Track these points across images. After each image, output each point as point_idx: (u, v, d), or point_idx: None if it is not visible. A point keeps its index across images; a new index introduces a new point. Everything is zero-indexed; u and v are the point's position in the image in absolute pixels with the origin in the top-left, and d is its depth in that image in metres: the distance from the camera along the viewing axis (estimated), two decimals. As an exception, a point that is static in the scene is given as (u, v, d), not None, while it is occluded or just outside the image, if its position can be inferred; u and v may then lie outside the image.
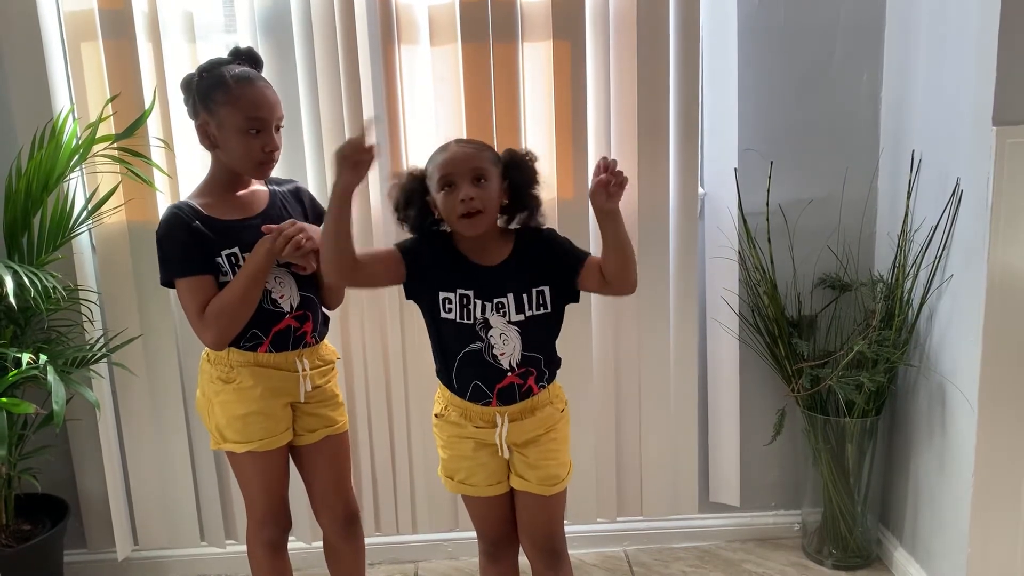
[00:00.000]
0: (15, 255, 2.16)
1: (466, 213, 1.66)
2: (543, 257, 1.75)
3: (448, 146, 1.73)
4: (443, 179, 1.68)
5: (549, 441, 1.80)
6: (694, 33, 2.28)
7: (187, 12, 2.25)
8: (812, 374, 2.35)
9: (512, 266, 1.74)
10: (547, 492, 1.81)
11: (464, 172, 1.67)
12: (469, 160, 1.68)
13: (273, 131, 1.81)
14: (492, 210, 1.70)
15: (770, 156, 2.39)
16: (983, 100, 1.93)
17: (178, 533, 2.51)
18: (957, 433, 2.12)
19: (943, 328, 2.18)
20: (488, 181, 1.68)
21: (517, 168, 1.75)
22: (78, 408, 2.31)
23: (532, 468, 1.79)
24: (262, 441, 1.87)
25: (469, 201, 1.66)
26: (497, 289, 1.72)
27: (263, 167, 1.83)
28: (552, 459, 1.81)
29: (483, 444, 1.79)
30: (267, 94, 1.82)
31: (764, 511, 2.65)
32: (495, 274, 1.73)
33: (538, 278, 1.74)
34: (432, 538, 2.59)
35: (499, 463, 1.82)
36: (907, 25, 2.30)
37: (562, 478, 1.83)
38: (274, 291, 1.83)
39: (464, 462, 1.81)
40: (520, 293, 1.72)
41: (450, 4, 2.24)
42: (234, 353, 1.85)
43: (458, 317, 1.73)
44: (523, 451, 1.79)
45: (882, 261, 2.43)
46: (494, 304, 1.72)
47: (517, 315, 1.72)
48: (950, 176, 2.09)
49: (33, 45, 2.19)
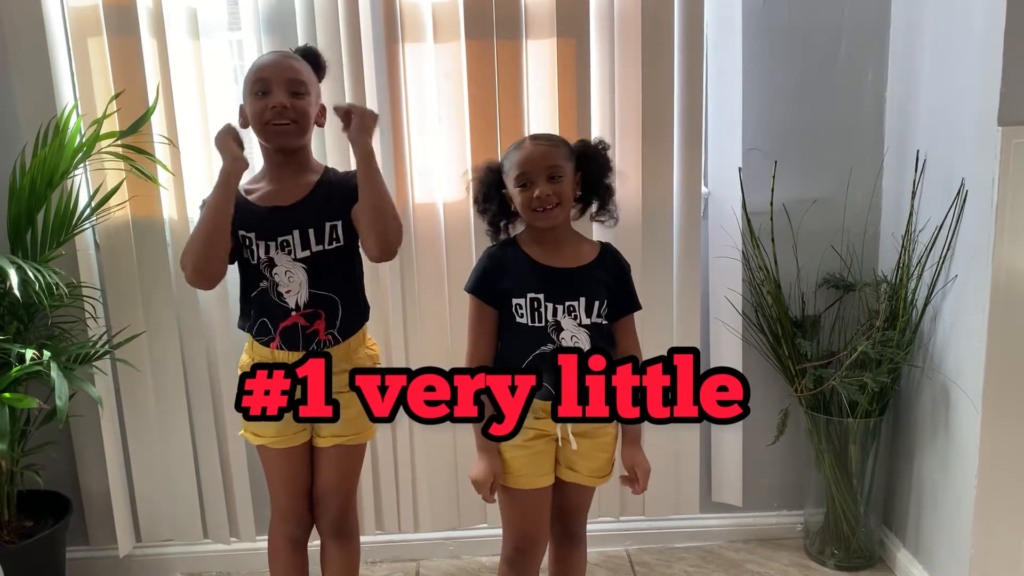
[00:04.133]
0: (19, 251, 2.16)
1: (541, 208, 1.72)
2: (613, 279, 1.81)
3: (523, 143, 1.77)
4: (520, 177, 1.74)
5: (604, 432, 1.83)
6: (698, 32, 2.28)
7: (191, 9, 2.25)
8: (815, 374, 2.34)
9: (589, 274, 1.78)
10: (595, 484, 1.86)
11: (540, 170, 1.72)
12: (544, 158, 1.73)
13: (281, 91, 1.76)
14: (567, 203, 1.76)
15: (774, 156, 2.38)
16: (988, 100, 1.93)
17: (181, 529, 2.51)
18: (960, 434, 2.12)
19: (947, 329, 2.18)
20: (563, 177, 1.74)
21: (591, 159, 1.80)
22: (81, 404, 2.31)
23: (586, 459, 1.82)
24: (274, 438, 1.87)
25: (546, 197, 1.71)
26: (570, 292, 1.75)
27: (270, 128, 1.77)
28: (605, 452, 1.84)
29: (542, 434, 1.80)
30: (278, 58, 1.80)
31: (767, 511, 2.65)
32: (570, 276, 1.77)
33: (604, 293, 1.78)
34: (434, 536, 2.59)
35: (551, 453, 1.83)
36: (912, 25, 2.29)
37: (609, 471, 1.87)
38: (281, 285, 1.81)
39: (519, 451, 1.79)
40: (593, 299, 1.76)
41: (454, 1, 2.24)
42: (256, 347, 1.86)
43: (529, 321, 1.75)
44: (579, 442, 1.80)
45: (886, 261, 2.42)
46: (565, 307, 1.75)
47: (587, 319, 1.76)
48: (955, 176, 2.09)
49: (38, 41, 2.19)
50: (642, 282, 2.37)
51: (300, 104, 1.78)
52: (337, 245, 1.82)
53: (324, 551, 2.00)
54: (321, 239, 1.81)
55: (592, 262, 1.80)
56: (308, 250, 1.80)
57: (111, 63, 2.22)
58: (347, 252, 1.84)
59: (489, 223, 1.85)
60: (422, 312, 2.37)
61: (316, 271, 1.81)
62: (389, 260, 1.81)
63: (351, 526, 2.00)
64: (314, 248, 1.80)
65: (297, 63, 1.81)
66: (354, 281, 1.90)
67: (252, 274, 1.84)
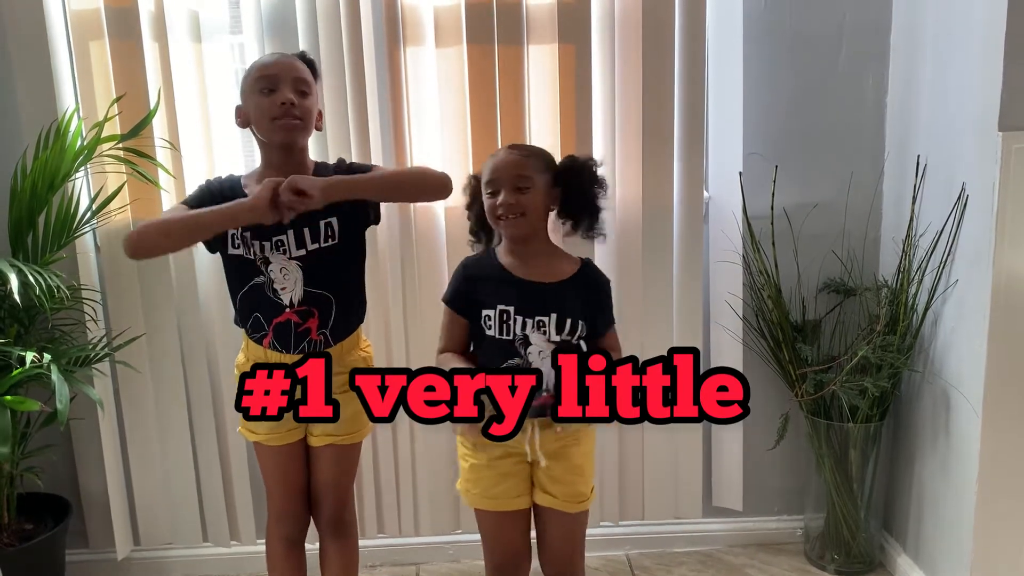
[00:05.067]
0: (20, 254, 2.16)
1: (504, 216, 1.71)
2: (590, 297, 1.78)
3: (498, 152, 1.77)
4: (488, 184, 1.74)
5: (576, 455, 1.79)
6: (700, 37, 2.29)
7: (193, 12, 2.25)
8: (816, 379, 2.34)
9: (564, 291, 1.75)
10: (572, 509, 1.80)
11: (507, 178, 1.71)
12: (513, 167, 1.72)
13: (287, 89, 1.77)
14: (533, 214, 1.73)
15: (775, 160, 2.38)
16: (989, 105, 1.93)
17: (180, 532, 2.51)
18: (961, 439, 2.11)
19: (948, 334, 2.18)
20: (532, 188, 1.71)
21: (573, 175, 1.77)
22: (80, 407, 2.31)
23: (558, 483, 1.78)
24: (268, 436, 1.88)
25: (507, 206, 1.70)
26: (541, 307, 1.73)
27: (278, 124, 1.76)
28: (579, 475, 1.80)
29: (510, 451, 1.77)
30: (284, 59, 1.81)
31: (767, 516, 2.65)
32: (543, 291, 1.74)
33: (579, 313, 1.74)
34: (434, 540, 2.59)
35: (523, 474, 1.80)
36: (913, 30, 2.29)
37: (586, 496, 1.82)
38: (276, 282, 1.80)
39: (485, 472, 1.78)
40: (564, 318, 1.73)
41: (456, 6, 2.24)
42: (251, 346, 1.86)
43: (497, 333, 1.74)
44: (551, 463, 1.77)
45: (887, 266, 2.42)
46: (535, 322, 1.73)
47: (556, 336, 1.73)
48: (955, 181, 2.09)
49: (39, 44, 2.19)
50: (643, 286, 2.40)
51: (305, 103, 1.79)
52: (332, 243, 1.81)
53: (322, 550, 2.01)
54: (316, 237, 1.80)
55: (569, 279, 1.77)
56: (303, 248, 1.80)
57: (113, 66, 2.22)
58: (343, 250, 1.84)
59: (471, 231, 1.85)
60: (422, 316, 2.37)
61: (311, 269, 1.81)
62: (448, 195, 1.86)
63: (348, 524, 2.00)
64: (309, 246, 1.80)
65: (301, 64, 1.82)
66: (350, 280, 1.89)
67: (247, 269, 1.82)
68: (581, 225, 1.79)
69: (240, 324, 1.89)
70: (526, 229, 1.73)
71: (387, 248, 2.34)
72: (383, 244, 2.33)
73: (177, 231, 1.77)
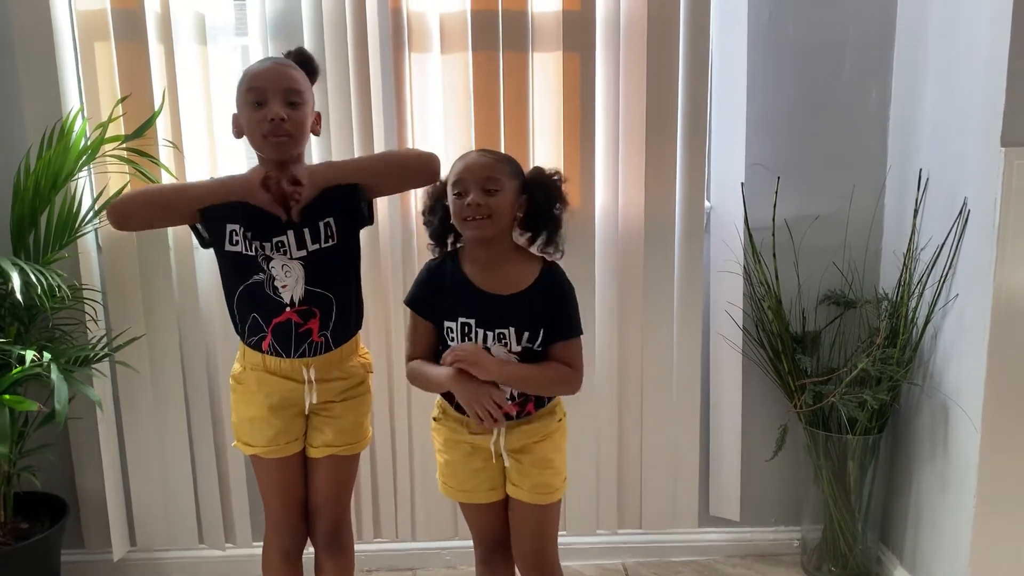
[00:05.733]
0: (21, 253, 2.16)
1: (470, 217, 1.69)
2: (550, 304, 1.76)
3: (468, 154, 1.76)
4: (456, 184, 1.72)
5: (544, 449, 1.81)
6: (703, 47, 2.29)
7: (199, 14, 2.25)
8: (815, 390, 2.34)
9: (522, 302, 1.74)
10: (539, 501, 1.81)
11: (476, 180, 1.69)
12: (483, 169, 1.70)
13: (278, 102, 1.72)
14: (500, 218, 1.71)
15: (777, 171, 2.39)
16: (992, 121, 1.93)
17: (177, 534, 2.50)
18: (960, 453, 2.12)
19: (947, 347, 2.18)
20: (500, 191, 1.70)
21: (540, 187, 1.76)
22: (79, 407, 2.31)
23: (525, 476, 1.80)
24: (265, 448, 1.86)
25: (475, 207, 1.68)
26: (500, 319, 1.73)
27: (268, 140, 1.73)
28: (546, 467, 1.81)
29: (478, 449, 1.80)
30: (274, 67, 1.76)
31: (764, 527, 2.65)
32: (502, 304, 1.74)
33: (540, 321, 1.74)
34: (430, 546, 2.58)
35: (494, 469, 1.82)
36: (916, 44, 2.30)
37: (555, 488, 1.83)
38: (278, 279, 1.78)
39: (459, 467, 1.82)
40: (523, 330, 1.73)
41: (461, 13, 2.25)
42: (248, 354, 1.85)
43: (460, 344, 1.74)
44: (518, 458, 1.79)
45: (887, 279, 2.42)
46: (495, 334, 1.73)
47: (517, 347, 1.74)
48: (957, 195, 2.09)
49: (45, 44, 2.19)
50: (643, 295, 2.40)
51: (296, 115, 1.74)
52: (332, 243, 1.80)
53: (318, 566, 1.99)
54: (317, 238, 1.78)
55: (528, 288, 1.75)
56: (304, 249, 1.78)
57: (118, 67, 2.22)
58: (343, 251, 1.83)
59: (431, 236, 1.82)
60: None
61: (313, 268, 1.79)
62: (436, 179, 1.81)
63: (345, 539, 1.98)
64: (310, 247, 1.78)
65: (292, 70, 1.77)
66: (350, 282, 1.88)
67: (246, 265, 1.79)
68: (539, 238, 1.78)
69: (238, 329, 1.87)
70: (491, 231, 1.71)
71: (388, 253, 2.34)
72: (384, 249, 2.34)
73: (161, 203, 1.78)
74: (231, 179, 1.78)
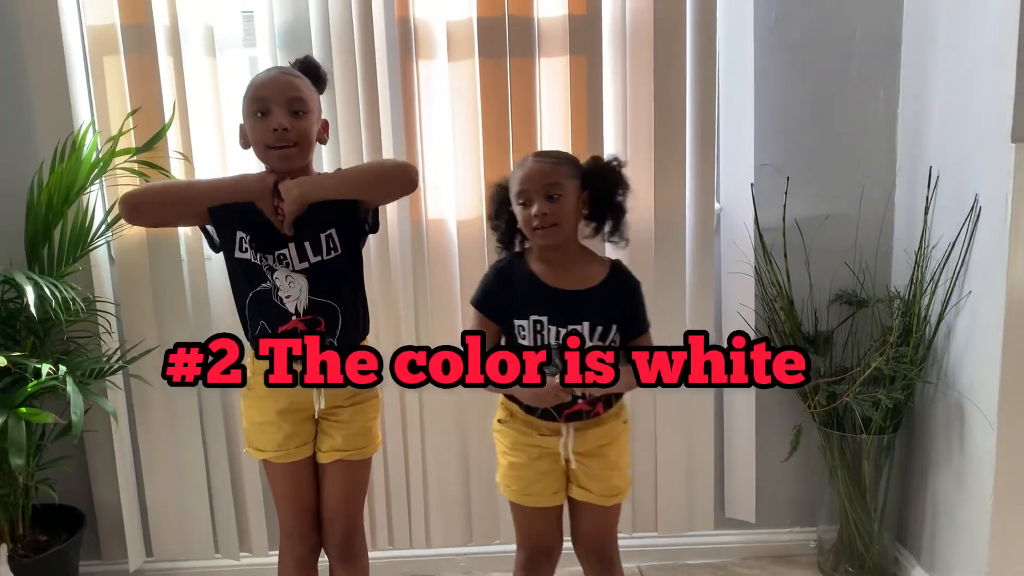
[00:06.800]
0: (36, 266, 2.18)
1: (538, 227, 1.70)
2: (623, 303, 1.77)
3: (526, 160, 1.76)
4: (520, 194, 1.73)
5: (612, 452, 1.82)
6: (711, 49, 2.29)
7: (207, 26, 2.27)
8: (829, 390, 2.34)
9: (595, 296, 1.75)
10: (608, 503, 1.84)
11: (538, 188, 1.70)
12: (543, 176, 1.71)
13: (281, 112, 1.72)
14: (567, 222, 1.73)
15: (786, 172, 2.39)
16: (1002, 117, 1.93)
17: (192, 545, 2.51)
18: (976, 451, 2.11)
19: (961, 345, 2.17)
20: (563, 196, 1.71)
21: (599, 178, 1.76)
22: (94, 419, 2.32)
23: (595, 480, 1.81)
24: (275, 453, 1.87)
25: (542, 216, 1.69)
26: (574, 315, 1.73)
27: (272, 151, 1.74)
28: (615, 470, 1.84)
29: (546, 452, 1.80)
30: (277, 76, 1.75)
31: (780, 528, 2.64)
32: (574, 299, 1.75)
33: (613, 316, 1.76)
34: (446, 552, 2.58)
35: (559, 472, 1.82)
36: (924, 41, 2.30)
37: (622, 490, 1.86)
38: (282, 290, 1.78)
39: (526, 470, 1.81)
40: (596, 325, 1.73)
41: (468, 20, 2.26)
42: (256, 361, 1.85)
43: (531, 343, 1.74)
44: (586, 462, 1.80)
45: (899, 277, 2.42)
46: (568, 331, 1.73)
47: (590, 342, 1.74)
48: (968, 193, 2.09)
49: (56, 59, 2.21)
50: (655, 297, 2.37)
51: (301, 125, 1.74)
52: (335, 255, 1.80)
53: (332, 574, 1.99)
54: (318, 250, 1.78)
55: (599, 284, 1.77)
56: (306, 261, 1.78)
57: (128, 80, 2.23)
58: (347, 261, 1.83)
59: (498, 240, 1.84)
60: (433, 327, 2.38)
61: (317, 279, 1.79)
62: (414, 190, 1.83)
63: (358, 548, 1.97)
64: (312, 260, 1.78)
65: (296, 79, 1.76)
66: (356, 290, 1.88)
67: (254, 273, 1.79)
68: (604, 227, 1.79)
69: (248, 335, 1.87)
70: (560, 238, 1.73)
71: (398, 259, 2.35)
72: (394, 254, 2.34)
73: (171, 197, 1.79)
74: (244, 178, 1.79)
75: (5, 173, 2.30)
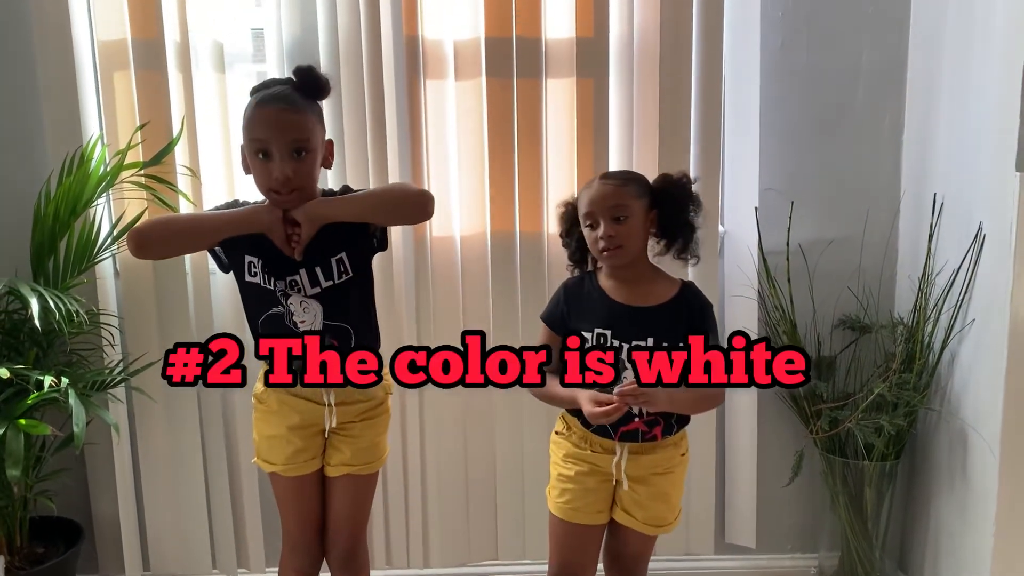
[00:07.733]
0: (41, 278, 2.19)
1: (605, 249, 1.71)
2: (690, 322, 1.76)
3: (593, 182, 1.76)
4: (586, 216, 1.74)
5: (664, 483, 1.80)
6: (717, 73, 2.30)
7: (217, 43, 2.29)
8: (831, 416, 2.33)
9: (663, 313, 1.75)
10: (651, 533, 1.83)
11: (604, 210, 1.71)
12: (608, 198, 1.71)
13: (283, 155, 1.69)
14: (633, 244, 1.73)
15: (791, 196, 2.39)
16: (1006, 145, 1.93)
17: (190, 560, 2.50)
18: (978, 479, 2.09)
19: (965, 373, 2.16)
20: (630, 217, 1.71)
21: (668, 197, 1.76)
22: (95, 432, 2.31)
23: (640, 507, 1.80)
24: (284, 466, 1.87)
25: (608, 239, 1.70)
26: (639, 331, 1.73)
27: (274, 196, 1.73)
28: (663, 501, 1.81)
29: (597, 470, 1.79)
30: (277, 115, 1.69)
31: (780, 554, 2.62)
32: (641, 315, 1.75)
33: (679, 334, 1.73)
34: (443, 572, 2.56)
35: (606, 492, 1.81)
36: (930, 69, 2.31)
37: (668, 522, 1.84)
38: (296, 315, 1.79)
39: (572, 484, 1.80)
40: (661, 340, 1.73)
41: (475, 39, 2.27)
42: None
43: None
44: (635, 487, 1.79)
45: (903, 304, 2.41)
46: (632, 346, 1.73)
47: None
48: (972, 220, 2.09)
49: (67, 73, 2.23)
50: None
51: (303, 167, 1.71)
52: (347, 278, 1.80)
53: None
54: (330, 275, 1.78)
55: (668, 301, 1.76)
56: (318, 287, 1.78)
57: (137, 95, 2.25)
58: (359, 282, 1.83)
59: (569, 258, 1.86)
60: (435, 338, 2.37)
61: (330, 303, 1.80)
62: (429, 217, 1.82)
63: (361, 561, 1.98)
64: (324, 284, 1.79)
65: (296, 114, 1.70)
66: (368, 310, 1.89)
67: (266, 298, 1.80)
68: (675, 245, 1.79)
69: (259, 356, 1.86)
70: (627, 259, 1.74)
71: (402, 277, 2.35)
72: (399, 274, 2.34)
73: (180, 232, 1.80)
74: (255, 211, 1.76)
75: (13, 184, 2.32)
